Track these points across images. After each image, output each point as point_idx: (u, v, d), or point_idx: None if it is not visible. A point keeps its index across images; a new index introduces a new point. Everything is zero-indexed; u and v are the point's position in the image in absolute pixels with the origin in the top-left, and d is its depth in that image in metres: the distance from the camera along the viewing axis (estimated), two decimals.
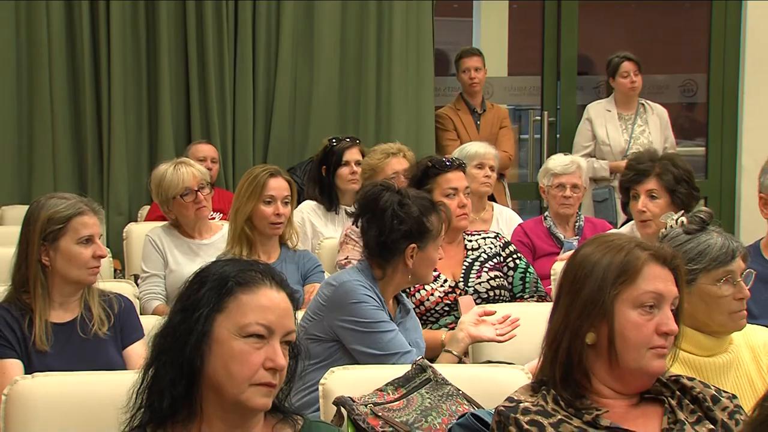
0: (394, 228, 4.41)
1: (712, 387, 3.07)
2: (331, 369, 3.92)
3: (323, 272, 5.66)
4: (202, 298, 2.68)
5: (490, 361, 4.20)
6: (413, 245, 4.37)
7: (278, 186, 5.62)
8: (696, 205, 5.65)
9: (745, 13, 9.71)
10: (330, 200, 6.84)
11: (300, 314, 3.86)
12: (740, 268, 3.81)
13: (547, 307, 3.14)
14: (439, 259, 4.75)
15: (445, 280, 5.17)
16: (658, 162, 5.74)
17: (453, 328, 4.71)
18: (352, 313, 4.30)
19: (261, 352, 2.65)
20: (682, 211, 4.07)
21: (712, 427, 2.92)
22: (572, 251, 3.27)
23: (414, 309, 4.81)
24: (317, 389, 3.90)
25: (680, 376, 3.07)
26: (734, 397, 3.07)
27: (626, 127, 8.73)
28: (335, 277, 4.65)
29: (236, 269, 2.75)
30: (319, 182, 6.95)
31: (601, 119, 8.77)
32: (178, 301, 2.77)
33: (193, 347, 2.63)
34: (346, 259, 5.74)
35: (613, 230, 5.91)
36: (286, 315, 2.73)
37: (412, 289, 5.09)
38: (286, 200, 5.64)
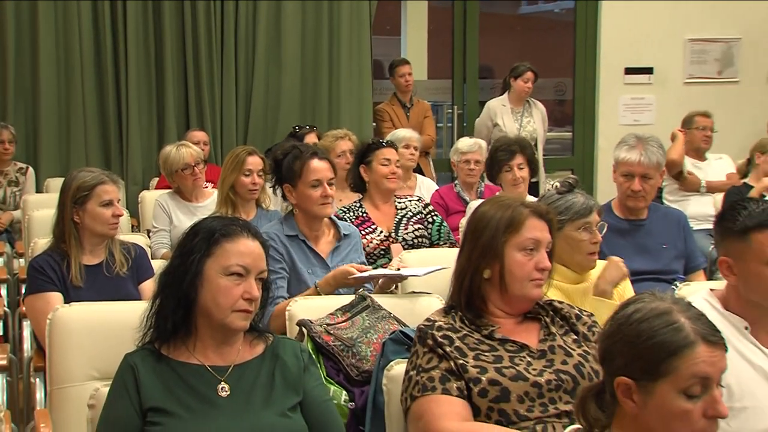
0: (277, 176, 4.45)
1: (576, 308, 3.13)
2: (294, 299, 3.90)
3: None
4: (195, 246, 2.71)
5: (414, 292, 4.18)
6: (287, 185, 4.34)
7: (254, 162, 5.61)
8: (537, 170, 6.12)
9: (600, 34, 9.78)
10: None
11: None
12: (596, 221, 3.88)
13: (455, 252, 3.15)
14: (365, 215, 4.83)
15: (381, 231, 5.17)
16: (518, 144, 6.07)
17: (386, 267, 4.70)
18: None
19: (240, 287, 2.68)
20: (557, 179, 4.16)
21: (576, 337, 2.98)
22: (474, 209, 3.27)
23: None
24: None
25: (553, 300, 3.12)
26: (592, 315, 3.12)
27: (517, 118, 8.74)
28: None
29: (221, 224, 2.78)
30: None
31: (498, 112, 8.76)
32: (177, 248, 2.81)
33: (189, 283, 2.68)
34: None
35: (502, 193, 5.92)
36: (260, 258, 2.75)
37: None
38: (260, 173, 5.63)
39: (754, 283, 2.96)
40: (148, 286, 4.16)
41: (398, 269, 4.19)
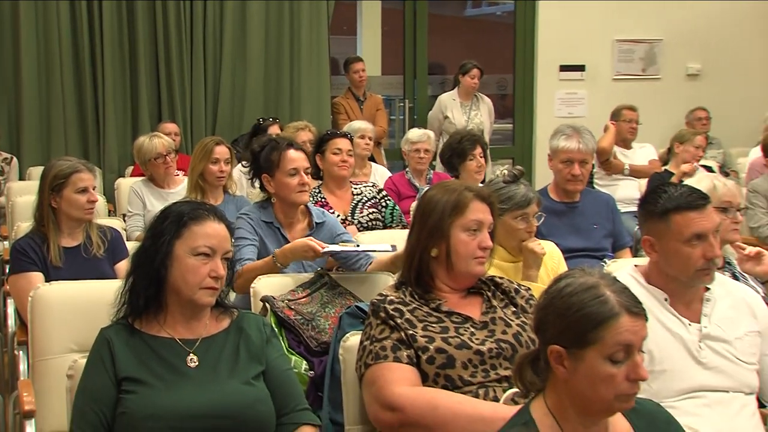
0: (255, 167, 4.39)
1: (515, 282, 3.14)
2: (258, 277, 3.89)
3: None
4: (165, 229, 2.71)
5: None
6: (265, 175, 4.30)
7: (221, 151, 5.58)
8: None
9: (537, 34, 9.83)
10: None
11: None
12: (533, 211, 3.92)
13: (407, 233, 3.14)
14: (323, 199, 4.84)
15: (338, 215, 5.15)
16: (473, 135, 6.13)
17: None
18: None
19: (207, 266, 2.68)
20: (506, 167, 4.19)
21: (515, 309, 2.99)
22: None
23: None
24: None
25: (494, 276, 3.13)
26: (529, 289, 3.14)
27: (465, 111, 8.78)
28: None
29: (190, 208, 2.77)
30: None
31: (449, 106, 8.81)
32: (148, 230, 2.80)
33: (159, 263, 2.67)
34: None
35: (451, 179, 5.91)
36: (225, 240, 2.75)
37: None
38: (227, 161, 5.61)
39: (673, 260, 2.99)
40: (123, 266, 4.12)
41: (357, 245, 4.17)
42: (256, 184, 4.48)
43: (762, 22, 10.21)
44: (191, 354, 2.70)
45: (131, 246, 4.18)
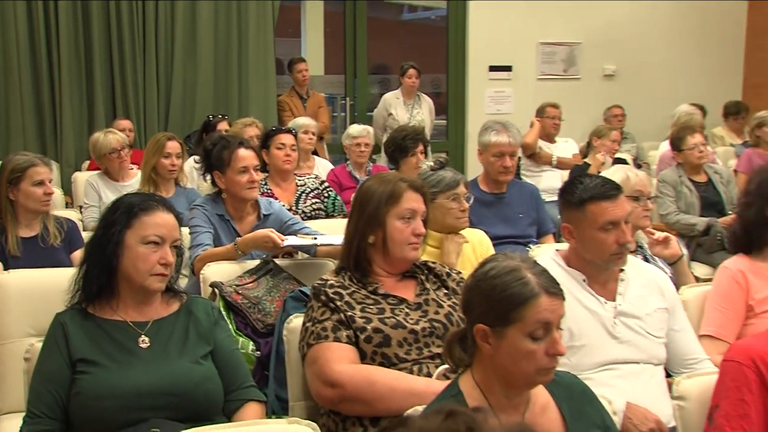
0: (206, 164, 4.35)
1: (447, 267, 3.15)
2: (207, 264, 3.86)
3: None
4: (117, 219, 2.69)
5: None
6: (216, 172, 4.25)
7: (173, 146, 5.54)
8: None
9: (468, 38, 9.85)
10: None
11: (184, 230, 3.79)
12: (463, 192, 3.94)
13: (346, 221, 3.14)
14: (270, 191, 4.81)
15: (283, 205, 5.12)
16: (416, 133, 6.03)
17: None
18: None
19: (157, 254, 2.66)
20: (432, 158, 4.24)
21: (446, 291, 3.00)
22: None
23: None
24: None
25: (427, 261, 3.14)
26: (460, 272, 3.15)
27: (408, 109, 8.77)
28: None
29: (140, 199, 2.76)
30: (201, 144, 6.86)
31: (393, 104, 8.79)
32: (100, 221, 2.78)
33: (111, 251, 2.65)
34: None
35: (390, 171, 5.91)
36: (174, 229, 2.73)
37: None
38: (178, 155, 5.56)
39: (589, 245, 3.02)
40: (79, 255, 4.08)
41: (315, 238, 4.15)
42: (208, 178, 4.45)
43: (670, 28, 10.35)
44: (143, 335, 2.68)
45: (87, 236, 4.13)
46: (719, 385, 2.30)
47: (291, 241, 3.99)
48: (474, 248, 3.97)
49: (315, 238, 4.13)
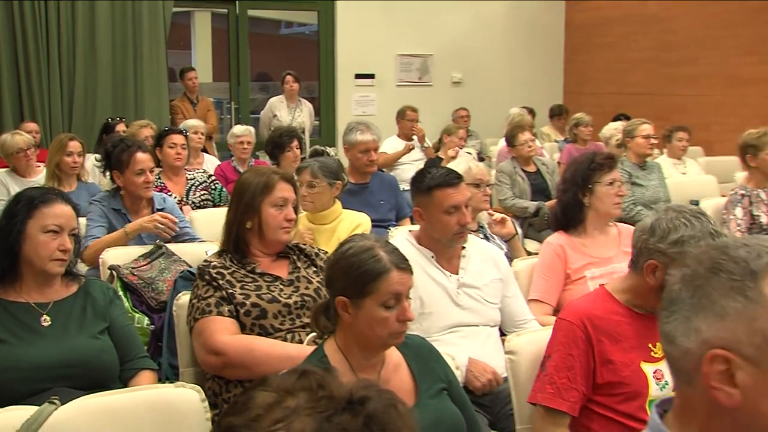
0: (107, 163, 4.21)
1: (316, 248, 3.12)
2: (106, 249, 3.74)
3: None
4: (19, 210, 2.61)
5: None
6: (116, 172, 4.11)
7: (75, 145, 5.34)
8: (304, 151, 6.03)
9: (337, 50, 9.84)
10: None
11: (82, 220, 3.65)
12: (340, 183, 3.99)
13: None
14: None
15: (175, 197, 5.01)
16: (291, 131, 5.97)
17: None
18: None
19: (56, 241, 2.59)
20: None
21: (315, 269, 2.97)
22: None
23: None
24: None
25: (298, 243, 3.10)
26: (327, 252, 3.11)
27: (290, 112, 8.70)
28: None
29: (40, 193, 2.68)
30: (102, 143, 6.65)
31: (277, 107, 8.72)
32: (4, 212, 2.68)
33: (14, 240, 2.57)
34: None
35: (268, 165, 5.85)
36: (71, 219, 2.66)
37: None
38: (80, 154, 5.36)
39: (436, 226, 3.06)
40: None
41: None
42: (107, 175, 4.31)
43: (505, 44, 10.55)
44: (44, 315, 2.61)
45: None
46: (553, 339, 2.32)
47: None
48: (354, 230, 3.96)
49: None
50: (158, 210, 4.19)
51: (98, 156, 5.00)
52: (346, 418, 0.98)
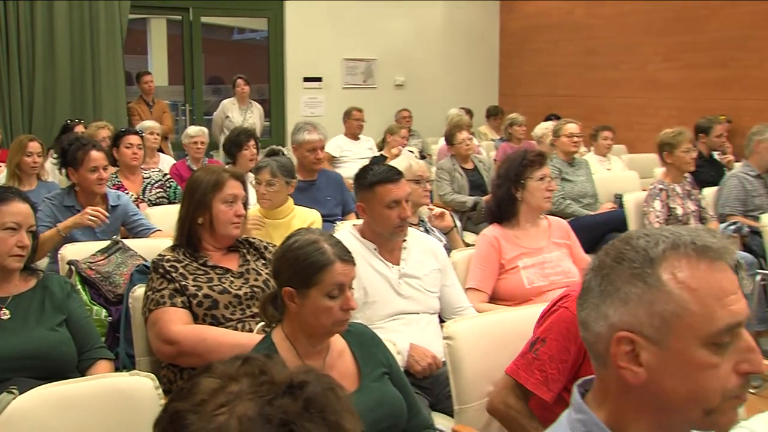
0: (62, 160, 4.14)
1: (264, 242, 3.08)
2: (64, 245, 3.67)
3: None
4: None
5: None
6: (70, 169, 4.07)
7: (34, 146, 5.18)
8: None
9: (286, 55, 9.81)
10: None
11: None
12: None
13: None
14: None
15: (132, 195, 4.93)
16: (248, 131, 5.84)
17: None
18: None
19: (14, 238, 2.56)
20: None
21: (264, 261, 2.95)
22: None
23: None
24: None
25: (248, 237, 3.07)
26: (275, 246, 3.09)
27: (242, 113, 8.62)
28: None
29: None
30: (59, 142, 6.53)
31: (229, 108, 8.63)
32: None
33: None
34: None
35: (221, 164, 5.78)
36: (29, 216, 2.63)
37: None
38: (39, 154, 5.22)
39: (378, 220, 3.06)
40: None
41: None
42: (63, 172, 4.24)
43: (445, 50, 10.62)
44: (4, 309, 2.57)
45: None
46: (555, 325, 2.17)
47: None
48: (304, 222, 3.96)
49: None
50: (113, 207, 4.15)
51: (55, 154, 4.90)
52: (287, 402, 0.97)
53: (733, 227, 4.97)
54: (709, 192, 5.31)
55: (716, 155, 6.56)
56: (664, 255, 1.11)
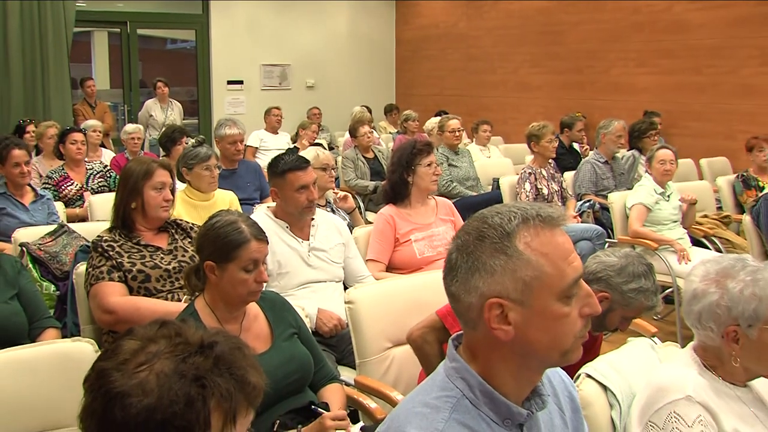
0: None
1: (191, 223, 3.01)
2: (17, 230, 3.53)
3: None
4: None
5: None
6: None
7: None
8: None
9: (212, 61, 9.61)
10: None
11: None
12: (213, 164, 3.89)
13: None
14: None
15: (76, 184, 4.78)
16: (182, 129, 5.53)
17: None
18: None
19: None
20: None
21: (190, 240, 2.88)
22: None
23: None
24: None
25: (177, 219, 2.99)
26: (200, 226, 3.05)
27: (164, 111, 8.43)
28: None
29: None
30: None
31: (152, 108, 8.45)
32: None
33: None
34: None
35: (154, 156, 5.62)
36: None
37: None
38: None
39: (289, 202, 3.04)
40: None
41: None
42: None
43: (349, 56, 10.60)
44: None
45: None
46: None
47: None
48: (229, 206, 3.87)
49: None
50: (41, 195, 4.15)
51: None
52: (199, 359, 0.98)
53: (587, 204, 5.15)
54: (568, 175, 5.48)
55: (576, 146, 6.77)
56: (517, 228, 1.11)
